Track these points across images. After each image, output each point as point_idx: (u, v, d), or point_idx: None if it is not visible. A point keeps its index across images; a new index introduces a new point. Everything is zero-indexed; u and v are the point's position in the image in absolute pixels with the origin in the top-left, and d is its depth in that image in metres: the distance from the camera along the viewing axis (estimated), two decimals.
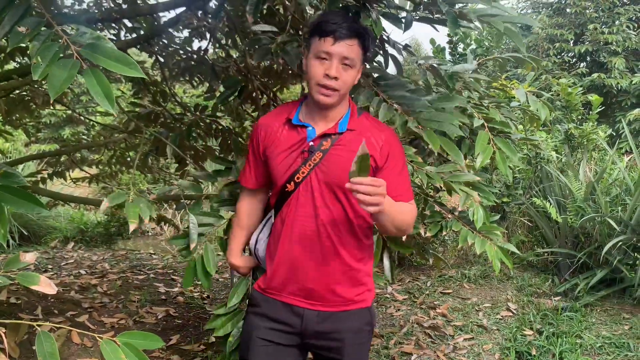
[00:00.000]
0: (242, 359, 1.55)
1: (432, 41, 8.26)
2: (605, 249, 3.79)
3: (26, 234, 5.77)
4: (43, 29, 1.04)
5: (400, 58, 2.19)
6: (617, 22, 11.57)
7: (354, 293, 1.51)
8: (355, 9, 1.76)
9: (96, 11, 2.96)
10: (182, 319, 3.46)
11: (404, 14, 1.86)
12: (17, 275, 1.13)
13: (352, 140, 1.44)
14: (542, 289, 4.22)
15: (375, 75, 1.92)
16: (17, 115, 3.71)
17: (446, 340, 3.27)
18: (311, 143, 1.46)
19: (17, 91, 3.32)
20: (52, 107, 4.18)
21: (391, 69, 2.16)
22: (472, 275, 4.51)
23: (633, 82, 10.93)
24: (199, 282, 1.84)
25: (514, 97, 2.45)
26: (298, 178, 1.46)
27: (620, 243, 3.93)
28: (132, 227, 1.57)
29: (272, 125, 1.52)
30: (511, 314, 3.71)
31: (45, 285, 1.12)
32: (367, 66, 1.95)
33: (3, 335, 1.17)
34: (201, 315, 3.57)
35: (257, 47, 1.91)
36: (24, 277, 1.12)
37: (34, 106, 3.51)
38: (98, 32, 1.08)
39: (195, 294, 4.03)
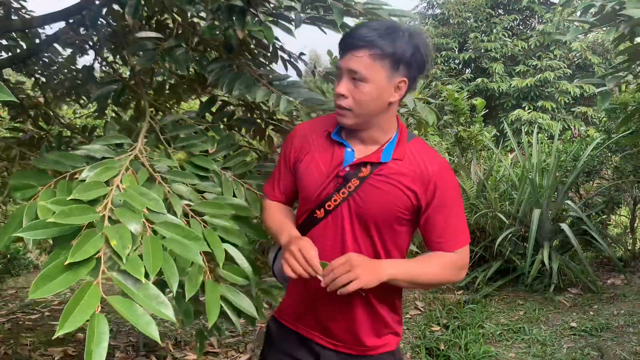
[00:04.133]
0: None
1: (330, 52, 8.47)
2: (498, 241, 4.08)
3: None
4: None
5: (302, 68, 2.22)
6: (494, 31, 12.61)
7: (378, 339, 1.35)
8: (239, 9, 1.70)
9: None
10: (81, 358, 3.20)
11: (293, 16, 1.84)
12: None
13: (397, 172, 1.24)
14: (446, 285, 4.44)
15: (270, 76, 1.89)
16: None
17: None
18: (347, 168, 1.25)
19: None
20: None
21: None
22: None
23: (512, 85, 11.96)
24: None
25: (405, 105, 2.56)
26: (329, 206, 1.26)
27: (510, 235, 4.25)
28: None
29: (310, 134, 1.33)
30: (419, 312, 3.86)
31: None
32: (262, 69, 1.94)
33: None
34: None
35: (141, 52, 1.83)
36: None
37: None
38: None
39: None
